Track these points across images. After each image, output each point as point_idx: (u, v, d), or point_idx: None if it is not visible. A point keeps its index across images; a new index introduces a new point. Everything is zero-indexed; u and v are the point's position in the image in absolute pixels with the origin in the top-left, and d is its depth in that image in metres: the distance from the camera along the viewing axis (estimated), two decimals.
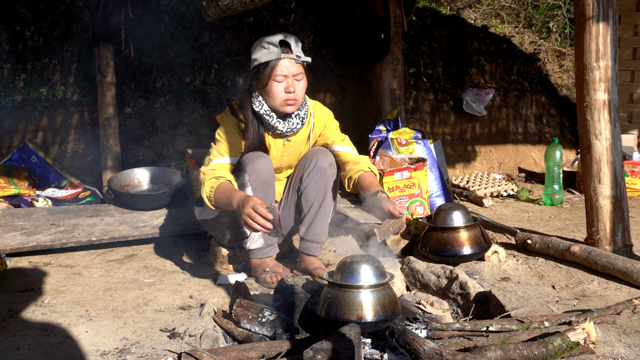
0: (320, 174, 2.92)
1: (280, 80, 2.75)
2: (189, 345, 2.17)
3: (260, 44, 2.78)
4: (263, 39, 2.78)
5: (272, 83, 2.75)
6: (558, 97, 6.71)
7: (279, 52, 2.72)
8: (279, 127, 2.85)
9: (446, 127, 5.89)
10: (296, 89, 2.78)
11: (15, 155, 4.38)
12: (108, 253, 3.49)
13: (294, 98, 2.78)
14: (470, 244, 2.97)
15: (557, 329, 2.07)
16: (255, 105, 2.83)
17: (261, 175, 2.79)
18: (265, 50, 2.75)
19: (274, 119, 2.83)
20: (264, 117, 2.83)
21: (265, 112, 2.82)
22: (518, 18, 7.45)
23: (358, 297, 2.06)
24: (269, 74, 2.74)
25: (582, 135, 3.13)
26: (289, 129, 2.88)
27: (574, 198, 4.84)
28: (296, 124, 2.89)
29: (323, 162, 2.93)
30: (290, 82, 2.76)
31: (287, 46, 2.76)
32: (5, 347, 2.17)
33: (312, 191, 2.94)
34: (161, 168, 4.38)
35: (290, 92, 2.76)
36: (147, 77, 4.92)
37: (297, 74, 2.78)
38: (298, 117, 2.90)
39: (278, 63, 2.74)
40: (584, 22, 3.00)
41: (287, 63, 2.75)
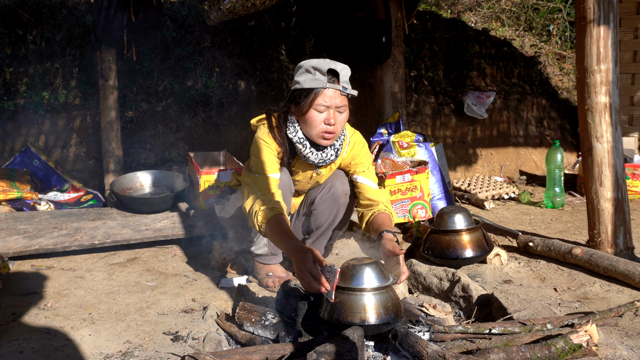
0: (334, 201, 2.88)
1: (322, 110, 2.56)
2: (193, 348, 2.17)
3: (306, 68, 2.58)
4: (310, 62, 2.58)
5: (312, 112, 2.57)
6: (559, 100, 6.71)
7: (325, 81, 2.53)
8: (311, 157, 2.70)
9: (447, 130, 5.90)
10: (337, 121, 2.59)
11: (17, 158, 4.39)
12: (110, 256, 3.50)
13: (332, 131, 2.60)
14: (473, 246, 2.98)
15: (560, 331, 2.08)
16: (289, 131, 2.67)
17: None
18: (310, 75, 2.56)
19: (306, 149, 2.68)
20: (297, 146, 2.67)
21: (298, 139, 2.66)
22: (518, 21, 7.47)
23: (361, 300, 2.07)
24: (310, 101, 2.55)
25: (583, 138, 3.14)
26: (321, 160, 2.73)
27: (575, 201, 4.85)
28: (330, 155, 2.73)
29: (338, 189, 2.87)
30: (331, 114, 2.57)
31: (335, 75, 2.56)
32: (8, 351, 2.17)
33: (324, 215, 2.92)
34: (163, 171, 4.39)
35: (330, 124, 2.58)
36: (149, 81, 4.93)
37: (341, 106, 2.58)
38: (333, 147, 2.73)
39: (322, 92, 2.54)
40: (585, 26, 3.01)
41: (331, 93, 2.55)
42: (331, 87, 2.54)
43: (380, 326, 2.06)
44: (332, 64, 2.54)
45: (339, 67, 2.55)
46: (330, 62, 2.55)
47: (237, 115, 5.10)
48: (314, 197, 2.94)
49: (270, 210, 2.50)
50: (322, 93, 2.54)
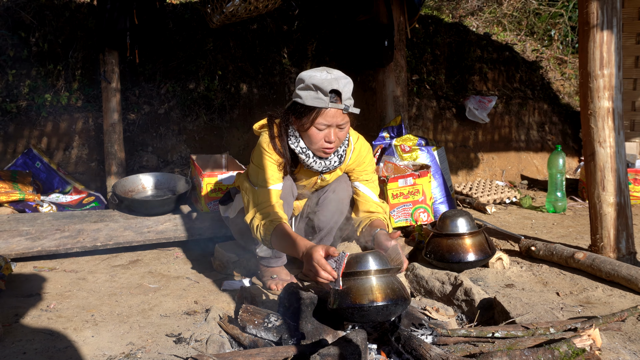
0: (338, 202, 2.90)
1: (322, 128, 2.57)
2: (196, 350, 2.17)
3: (308, 84, 2.52)
4: (312, 79, 2.51)
5: (312, 129, 2.57)
6: (560, 105, 6.72)
7: (327, 101, 2.50)
8: (314, 166, 2.71)
9: (449, 134, 5.90)
10: (337, 137, 2.60)
11: (19, 160, 4.39)
12: (112, 258, 3.50)
13: (331, 147, 2.62)
14: (475, 250, 2.98)
15: (563, 335, 2.08)
16: (291, 142, 2.67)
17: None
18: (312, 92, 2.52)
19: (309, 159, 2.68)
20: (300, 156, 2.68)
21: (301, 150, 2.67)
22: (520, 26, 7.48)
23: (368, 282, 2.11)
24: (312, 119, 2.55)
25: (586, 143, 3.14)
26: (325, 168, 2.74)
27: (577, 205, 4.85)
28: (334, 162, 2.74)
29: (341, 192, 2.88)
30: (332, 132, 2.57)
31: (337, 94, 2.52)
32: (12, 352, 2.17)
33: (326, 217, 2.93)
34: (165, 174, 4.39)
35: (330, 141, 2.59)
36: (152, 83, 4.94)
37: (342, 123, 2.58)
38: (336, 154, 2.74)
39: (324, 112, 2.53)
40: (588, 30, 3.01)
41: (333, 112, 2.53)
42: (333, 107, 2.51)
43: (388, 307, 2.08)
44: (335, 82, 2.50)
45: (341, 84, 2.51)
46: (332, 80, 2.50)
47: (239, 118, 5.11)
48: (317, 198, 2.95)
49: (271, 222, 2.52)
50: (323, 113, 2.53)
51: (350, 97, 2.58)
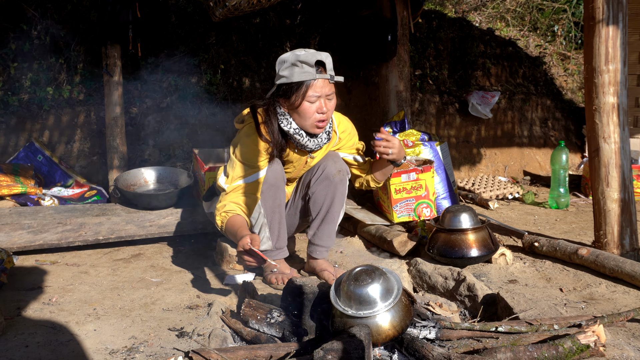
0: (329, 181, 2.92)
1: (314, 100, 2.65)
2: (198, 344, 2.17)
3: (292, 62, 2.61)
4: (296, 57, 2.61)
5: (305, 103, 2.65)
6: (563, 101, 6.70)
7: (314, 73, 2.60)
8: (309, 145, 2.79)
9: (451, 130, 5.89)
10: (328, 108, 2.69)
11: (21, 153, 4.39)
12: (114, 252, 3.49)
13: (325, 119, 2.71)
14: (478, 246, 2.97)
15: (567, 331, 2.07)
16: (283, 124, 2.74)
17: (269, 179, 2.78)
18: (298, 68, 2.60)
19: (304, 138, 2.76)
20: (294, 137, 2.75)
21: (295, 131, 2.74)
22: (523, 21, 7.45)
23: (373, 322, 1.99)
24: (302, 94, 2.63)
25: (590, 139, 3.13)
26: (316, 146, 2.83)
27: (580, 201, 4.84)
28: (323, 139, 2.84)
29: (331, 169, 2.92)
30: (322, 103, 2.67)
31: (322, 66, 2.65)
32: (14, 345, 2.17)
33: (320, 197, 2.94)
34: (168, 168, 4.38)
35: (322, 112, 2.68)
36: (154, 77, 4.92)
37: (330, 93, 2.68)
38: (325, 131, 2.84)
39: (313, 84, 2.62)
40: (593, 25, 2.99)
41: (321, 83, 2.63)
42: (320, 77, 2.62)
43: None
44: (317, 54, 2.62)
45: (323, 56, 2.64)
46: (315, 53, 2.62)
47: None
48: (308, 180, 2.98)
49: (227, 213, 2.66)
50: (312, 85, 2.63)
51: (332, 68, 2.70)
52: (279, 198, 2.85)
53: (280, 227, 2.90)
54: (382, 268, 2.10)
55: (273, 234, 2.87)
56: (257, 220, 2.77)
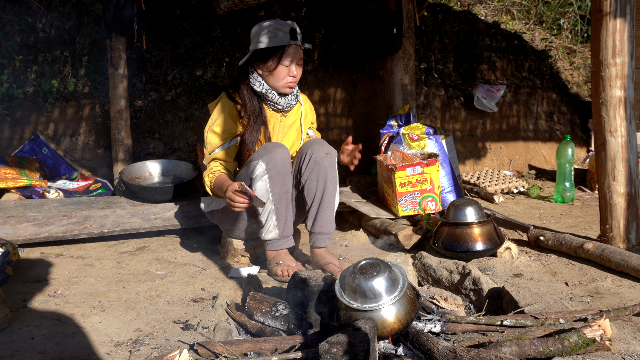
0: (318, 165, 2.95)
1: (287, 65, 2.98)
2: (203, 336, 2.17)
3: (268, 29, 2.94)
4: (272, 25, 2.95)
5: (280, 67, 2.98)
6: (569, 95, 6.67)
7: (288, 39, 2.94)
8: (281, 102, 3.09)
9: (457, 123, 5.87)
10: (298, 72, 3.04)
11: (26, 146, 4.39)
12: (119, 245, 3.50)
13: (294, 82, 3.06)
14: (483, 239, 2.97)
15: (573, 325, 2.06)
16: (255, 86, 3.04)
17: (277, 165, 2.84)
18: (273, 35, 2.93)
19: (275, 96, 3.07)
20: (267, 95, 3.06)
21: (267, 90, 3.04)
22: (529, 15, 7.41)
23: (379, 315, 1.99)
24: (278, 57, 2.96)
25: (596, 132, 3.11)
26: (287, 104, 3.12)
27: (585, 196, 4.82)
28: (292, 99, 3.15)
29: (319, 152, 2.96)
30: (293, 67, 3.01)
31: (295, 34, 2.98)
32: (20, 337, 2.18)
33: (312, 183, 2.97)
34: (172, 161, 4.38)
35: (293, 75, 3.02)
36: (158, 70, 4.92)
37: (300, 59, 3.03)
38: (292, 94, 3.15)
39: (287, 49, 2.96)
40: (600, 18, 2.98)
41: (294, 50, 2.99)
42: (294, 43, 2.97)
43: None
44: (291, 23, 2.97)
45: (294, 25, 2.99)
46: (288, 22, 2.98)
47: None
48: (298, 168, 3.03)
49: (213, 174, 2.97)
50: (287, 50, 2.97)
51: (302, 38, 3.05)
52: (286, 184, 2.89)
53: (287, 214, 2.91)
54: (387, 261, 2.10)
55: (280, 221, 2.88)
56: (265, 207, 2.80)
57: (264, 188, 2.82)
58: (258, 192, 2.81)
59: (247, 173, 2.88)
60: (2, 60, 4.55)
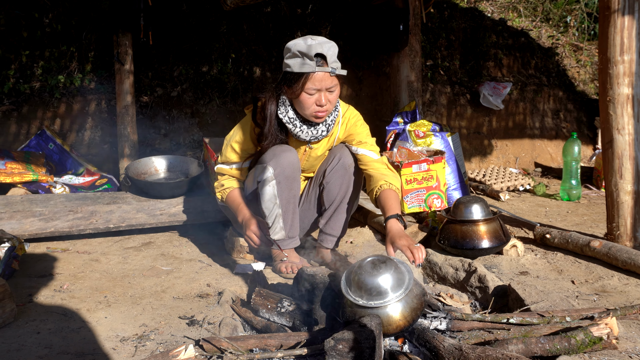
0: (345, 169, 2.88)
1: (313, 93, 2.63)
2: (209, 332, 2.17)
3: (294, 52, 2.61)
4: (297, 46, 2.60)
5: (303, 94, 2.64)
6: (575, 92, 6.65)
7: (313, 66, 2.57)
8: (301, 135, 2.79)
9: (462, 121, 5.86)
10: (328, 101, 2.66)
11: (33, 141, 4.40)
12: (125, 240, 3.50)
13: (324, 111, 2.68)
14: (489, 237, 2.96)
15: (580, 323, 2.05)
16: (280, 112, 2.76)
17: (286, 170, 2.76)
18: (299, 59, 2.60)
19: (297, 128, 2.77)
20: (287, 126, 2.77)
21: (288, 119, 2.75)
22: (535, 12, 7.38)
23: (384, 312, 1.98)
24: (301, 85, 2.61)
25: (604, 130, 3.10)
26: (313, 137, 2.81)
27: (591, 194, 4.81)
28: (321, 131, 2.81)
29: (348, 158, 2.88)
30: (322, 95, 2.64)
31: (323, 58, 2.60)
32: (26, 331, 2.18)
33: (335, 187, 2.91)
34: (178, 157, 4.38)
35: (321, 105, 2.65)
36: (165, 66, 4.92)
37: (331, 86, 2.64)
38: (324, 124, 2.81)
39: (312, 76, 2.60)
40: (608, 15, 2.96)
41: (321, 76, 2.60)
42: (320, 70, 2.59)
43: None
44: (319, 46, 2.57)
45: (325, 48, 2.59)
46: (316, 45, 2.57)
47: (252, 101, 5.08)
48: (323, 169, 2.95)
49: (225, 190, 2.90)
50: (312, 77, 2.60)
51: (337, 60, 2.65)
52: (294, 189, 2.84)
53: (293, 216, 2.89)
54: (393, 258, 2.09)
55: (286, 223, 2.87)
56: (272, 211, 2.77)
57: (271, 193, 2.76)
58: (265, 196, 2.76)
59: (255, 176, 2.84)
60: (9, 55, 4.55)
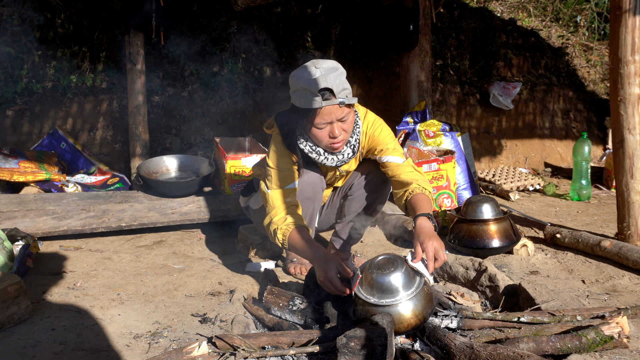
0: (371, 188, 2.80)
1: (323, 127, 2.44)
2: (221, 329, 2.19)
3: (298, 87, 2.41)
4: (299, 81, 2.40)
5: (314, 129, 2.46)
6: (585, 92, 6.63)
7: (320, 101, 2.35)
8: (327, 163, 2.63)
9: (472, 121, 5.86)
10: (341, 130, 2.47)
11: (45, 141, 4.44)
12: (137, 239, 3.53)
13: (339, 142, 2.50)
14: (500, 236, 2.96)
15: (590, 322, 2.06)
16: (300, 142, 2.59)
17: (305, 192, 2.64)
18: (303, 94, 2.39)
19: (321, 156, 2.60)
20: (310, 155, 2.60)
21: (310, 149, 2.59)
22: (545, 12, 7.36)
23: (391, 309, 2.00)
24: (310, 121, 2.43)
25: (614, 130, 3.10)
26: (339, 162, 2.65)
27: (601, 194, 4.80)
28: (347, 154, 2.65)
29: (376, 175, 2.78)
30: (334, 127, 2.44)
31: (329, 91, 2.37)
32: (41, 328, 2.21)
33: (359, 202, 2.84)
34: (189, 156, 4.41)
35: (334, 137, 2.46)
36: (175, 66, 4.95)
37: (342, 116, 2.43)
38: (349, 145, 2.63)
39: (319, 112, 2.39)
40: (620, 15, 2.96)
41: (329, 110, 2.39)
42: (327, 104, 2.36)
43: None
44: (322, 80, 2.34)
45: (329, 80, 2.36)
46: (320, 79, 2.35)
47: (262, 101, 5.11)
48: (351, 183, 2.86)
49: (287, 227, 2.46)
50: (319, 112, 2.40)
51: (345, 87, 2.42)
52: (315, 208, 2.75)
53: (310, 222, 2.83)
54: (404, 257, 2.10)
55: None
56: None
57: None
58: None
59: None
60: (22, 56, 4.59)
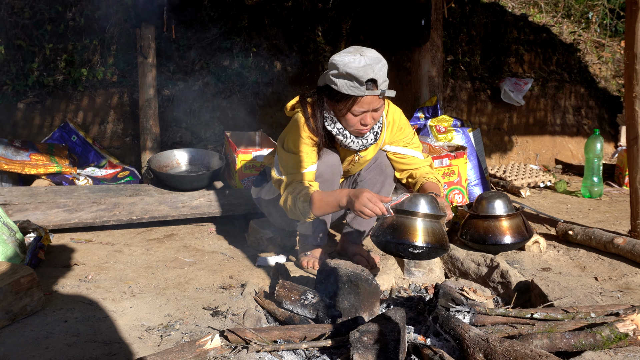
0: (380, 170, 2.86)
1: (358, 114, 2.54)
2: (233, 323, 2.19)
3: (343, 72, 2.45)
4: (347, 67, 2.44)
5: (349, 115, 2.55)
6: (597, 89, 6.59)
7: (363, 90, 2.45)
8: (352, 146, 2.69)
9: (483, 117, 5.83)
10: (372, 119, 2.58)
11: (56, 134, 4.45)
12: (147, 232, 3.53)
13: (367, 130, 2.61)
14: (512, 233, 2.95)
15: (604, 319, 2.05)
16: (327, 123, 2.64)
17: (324, 174, 2.68)
18: (348, 81, 2.46)
19: (347, 139, 2.66)
20: (337, 137, 2.66)
21: (338, 131, 2.65)
22: (556, 7, 7.32)
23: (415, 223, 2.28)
24: (348, 107, 2.52)
25: (629, 126, 3.07)
26: (362, 146, 2.72)
27: (613, 191, 4.77)
28: (370, 140, 2.72)
29: (384, 160, 2.85)
30: (368, 115, 2.55)
31: (374, 82, 2.47)
32: (53, 320, 2.21)
33: (369, 185, 2.87)
34: (200, 150, 4.41)
35: (365, 124, 2.57)
36: (186, 60, 4.95)
37: (378, 107, 2.55)
38: (372, 131, 2.72)
39: (360, 100, 2.49)
40: (635, 11, 2.93)
41: (369, 99, 2.50)
42: (369, 94, 2.47)
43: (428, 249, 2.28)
44: (370, 70, 2.43)
45: (376, 70, 2.45)
46: (367, 68, 2.43)
47: (273, 96, 5.10)
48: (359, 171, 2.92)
49: (305, 195, 2.51)
50: (360, 101, 2.49)
51: (386, 78, 2.52)
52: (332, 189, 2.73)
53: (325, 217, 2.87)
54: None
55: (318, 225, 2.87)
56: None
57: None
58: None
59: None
60: (33, 49, 4.60)
